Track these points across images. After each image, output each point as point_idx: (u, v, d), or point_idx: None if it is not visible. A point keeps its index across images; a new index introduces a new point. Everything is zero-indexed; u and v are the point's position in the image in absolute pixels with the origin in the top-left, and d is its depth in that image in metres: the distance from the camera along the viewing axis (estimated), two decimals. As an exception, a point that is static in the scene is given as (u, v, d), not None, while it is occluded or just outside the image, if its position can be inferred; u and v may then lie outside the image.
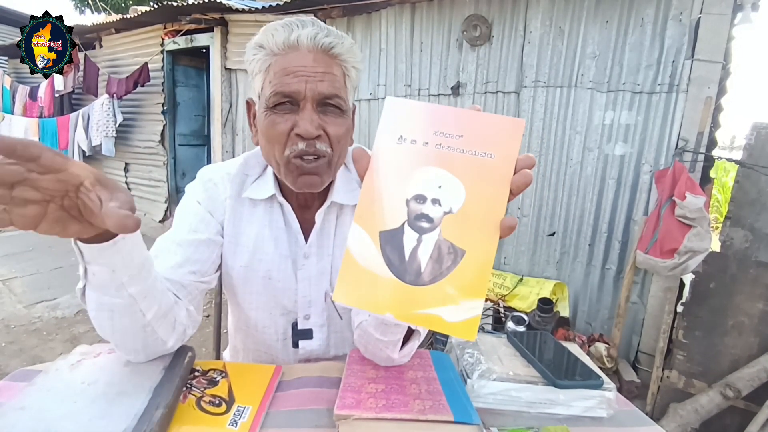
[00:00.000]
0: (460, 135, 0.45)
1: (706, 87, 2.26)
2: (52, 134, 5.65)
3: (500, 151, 0.43)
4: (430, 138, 0.45)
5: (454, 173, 0.44)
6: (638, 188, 2.53)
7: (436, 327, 0.43)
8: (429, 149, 0.45)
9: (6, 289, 3.41)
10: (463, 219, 0.43)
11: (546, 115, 2.73)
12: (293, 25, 0.68)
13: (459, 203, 0.44)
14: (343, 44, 0.70)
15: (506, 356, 0.76)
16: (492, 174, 0.43)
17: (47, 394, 0.58)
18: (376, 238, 0.45)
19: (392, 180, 0.45)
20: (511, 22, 2.77)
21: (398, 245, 0.44)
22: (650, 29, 2.40)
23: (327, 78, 0.68)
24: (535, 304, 2.38)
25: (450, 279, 0.43)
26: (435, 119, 0.46)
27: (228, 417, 0.58)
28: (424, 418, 0.57)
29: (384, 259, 0.44)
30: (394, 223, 0.45)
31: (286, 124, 0.69)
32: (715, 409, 2.01)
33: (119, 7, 9.89)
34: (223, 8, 3.95)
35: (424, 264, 0.43)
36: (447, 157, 0.45)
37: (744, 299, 2.10)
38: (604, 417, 0.66)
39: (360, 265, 0.44)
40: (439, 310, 0.42)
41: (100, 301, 0.58)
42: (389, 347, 0.68)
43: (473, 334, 0.42)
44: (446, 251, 0.43)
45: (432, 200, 0.44)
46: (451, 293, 0.42)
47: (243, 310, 0.86)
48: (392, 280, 0.44)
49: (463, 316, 0.42)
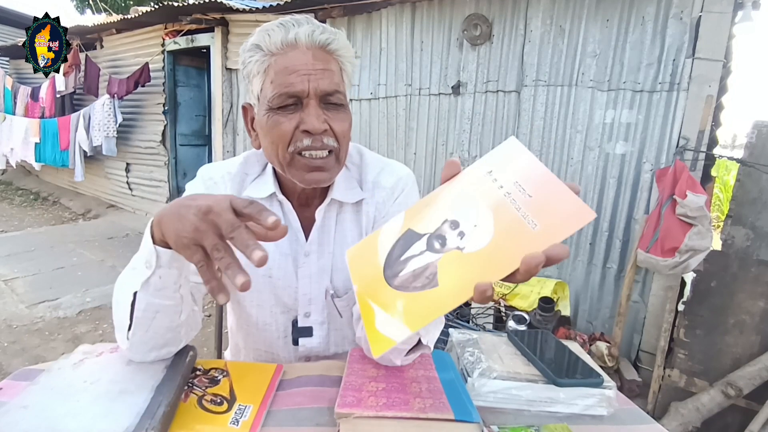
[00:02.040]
0: (531, 195, 0.43)
1: (707, 85, 2.26)
2: (53, 134, 5.66)
3: (547, 225, 0.41)
4: (509, 185, 0.45)
5: (495, 222, 0.43)
6: (639, 187, 2.53)
7: (366, 320, 0.45)
8: (499, 193, 0.45)
9: (8, 289, 3.42)
10: (463, 262, 0.43)
11: (547, 114, 2.73)
12: (289, 24, 0.69)
13: (474, 248, 0.43)
14: (339, 40, 0.71)
15: (507, 355, 0.76)
16: (521, 242, 0.41)
17: (50, 392, 0.58)
18: (404, 231, 0.49)
19: (454, 199, 0.48)
20: (512, 21, 2.77)
21: (407, 246, 0.47)
22: (651, 28, 2.40)
23: (327, 74, 0.69)
24: (536, 303, 2.38)
25: (408, 296, 0.44)
26: (524, 171, 0.46)
27: (229, 416, 0.58)
28: (425, 416, 0.58)
29: (390, 249, 0.48)
30: (423, 230, 0.48)
31: (290, 122, 0.69)
32: (716, 407, 2.01)
33: (120, 7, 9.89)
34: (224, 8, 3.96)
35: (405, 271, 0.46)
36: (505, 207, 0.44)
37: (745, 298, 2.09)
38: (604, 415, 0.66)
39: (377, 241, 0.50)
40: (379, 310, 0.45)
41: (150, 302, 0.60)
42: (393, 353, 0.68)
43: (379, 351, 0.43)
44: (427, 275, 0.44)
45: (459, 233, 0.45)
46: (397, 307, 0.44)
47: (244, 308, 0.86)
48: (378, 266, 0.48)
49: (386, 332, 0.43)
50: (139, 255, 0.60)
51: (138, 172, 5.74)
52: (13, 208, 6.32)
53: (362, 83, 3.43)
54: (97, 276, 3.80)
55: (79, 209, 6.25)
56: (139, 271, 0.59)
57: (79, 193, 6.69)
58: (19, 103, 6.30)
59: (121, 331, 0.64)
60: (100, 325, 2.99)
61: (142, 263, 0.58)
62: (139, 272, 0.59)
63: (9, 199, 6.79)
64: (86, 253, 4.37)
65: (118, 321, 0.64)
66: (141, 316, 0.61)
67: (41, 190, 7.09)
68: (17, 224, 5.46)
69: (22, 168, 7.20)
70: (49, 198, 6.81)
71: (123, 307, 0.62)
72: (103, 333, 2.90)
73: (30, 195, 7.01)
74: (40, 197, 6.88)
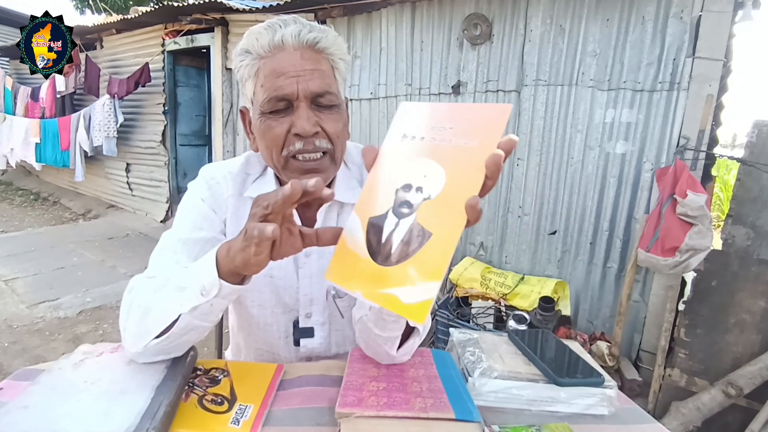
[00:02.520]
0: (451, 127, 0.47)
1: (707, 85, 2.26)
2: (53, 135, 5.67)
3: (483, 138, 0.45)
4: (427, 133, 0.48)
5: (440, 162, 0.46)
6: (639, 186, 2.53)
7: (392, 307, 0.45)
8: (424, 143, 0.48)
9: (8, 290, 3.42)
10: (439, 204, 0.45)
11: (547, 113, 2.73)
12: (276, 26, 0.68)
13: (438, 190, 0.45)
14: (327, 38, 0.70)
15: (507, 354, 0.76)
16: (472, 161, 0.44)
17: (50, 392, 0.58)
18: (365, 223, 0.48)
19: (390, 172, 0.49)
20: (512, 21, 2.77)
21: (379, 229, 0.47)
22: (651, 27, 2.40)
23: (317, 75, 0.68)
24: (536, 303, 2.38)
25: (413, 260, 0.44)
26: (433, 115, 0.50)
27: (230, 415, 0.58)
28: (426, 415, 0.57)
29: (366, 242, 0.47)
30: (382, 210, 0.48)
31: (282, 126, 0.69)
32: (717, 407, 2.01)
33: (119, 7, 9.89)
34: (224, 8, 3.96)
35: (395, 246, 0.46)
36: (437, 148, 0.47)
37: (746, 297, 2.09)
38: (605, 415, 0.66)
39: (348, 248, 0.49)
40: (397, 290, 0.44)
41: (190, 323, 0.60)
42: (387, 343, 0.67)
43: (423, 318, 0.43)
44: (416, 234, 0.45)
45: (416, 188, 0.47)
46: (411, 274, 0.44)
47: (245, 309, 0.86)
48: (367, 261, 0.47)
49: (417, 298, 0.43)
50: (188, 277, 0.59)
51: (138, 172, 5.74)
52: (14, 208, 6.32)
53: (362, 83, 3.43)
54: (97, 276, 3.80)
55: (79, 209, 6.26)
56: (189, 295, 0.57)
57: (79, 193, 6.69)
58: (19, 104, 6.30)
59: (143, 338, 0.62)
60: (100, 325, 2.99)
61: (195, 289, 0.57)
62: (190, 296, 0.57)
63: (9, 199, 6.79)
64: (86, 254, 4.37)
65: (144, 329, 0.62)
66: (176, 332, 0.61)
67: (41, 191, 7.09)
68: (18, 224, 5.46)
69: (23, 168, 7.21)
70: (50, 198, 6.81)
71: (157, 320, 0.61)
72: (104, 333, 2.90)
73: (30, 195, 7.01)
74: (40, 197, 6.88)
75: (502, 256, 2.99)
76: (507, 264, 2.97)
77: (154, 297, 0.62)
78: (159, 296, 0.62)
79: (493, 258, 3.02)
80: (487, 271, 2.80)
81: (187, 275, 0.59)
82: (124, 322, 0.65)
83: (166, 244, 0.76)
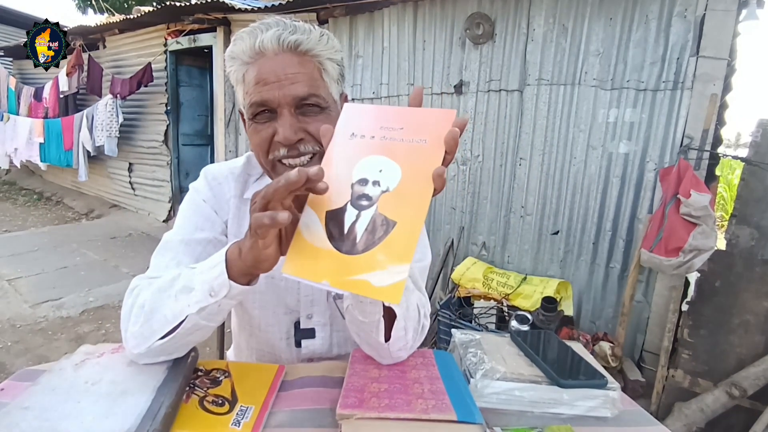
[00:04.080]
0: (401, 128, 0.51)
1: (711, 84, 2.24)
2: (57, 135, 5.69)
3: (432, 136, 0.49)
4: (377, 132, 0.52)
5: (394, 159, 0.49)
6: (642, 186, 2.51)
7: (364, 292, 0.46)
8: (375, 141, 0.51)
9: (12, 289, 3.43)
10: (398, 195, 0.48)
11: (549, 113, 2.72)
12: (257, 30, 0.67)
13: (395, 183, 0.48)
14: (310, 39, 0.68)
15: (510, 355, 0.75)
16: (424, 156, 0.48)
17: (51, 393, 0.58)
18: (323, 216, 0.50)
19: (342, 168, 0.51)
20: (515, 20, 2.76)
21: (340, 221, 0.49)
22: (655, 26, 2.38)
23: (299, 78, 0.67)
24: (538, 303, 2.37)
25: (380, 247, 0.46)
26: (382, 117, 0.53)
27: (231, 417, 0.58)
28: (427, 417, 0.57)
29: (326, 234, 0.49)
30: (339, 203, 0.49)
31: (267, 131, 0.69)
32: (720, 408, 2.00)
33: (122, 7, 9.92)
34: (226, 8, 3.96)
35: (360, 235, 0.47)
36: (389, 146, 0.50)
37: (750, 297, 2.08)
38: (608, 417, 0.66)
39: (306, 241, 0.50)
40: (368, 275, 0.46)
41: (197, 323, 0.60)
42: (373, 330, 0.66)
43: (397, 298, 0.45)
44: (380, 223, 0.47)
45: (373, 182, 0.49)
46: (380, 259, 0.46)
47: (246, 310, 0.86)
48: (331, 251, 0.48)
49: (389, 281, 0.45)
50: (195, 278, 0.59)
51: (141, 172, 5.76)
52: (17, 208, 6.34)
53: (364, 82, 3.43)
54: (100, 276, 3.81)
55: (82, 209, 6.28)
56: (198, 296, 0.58)
57: (82, 193, 6.71)
58: (23, 103, 6.33)
59: (147, 339, 0.62)
60: (103, 325, 3.00)
61: (204, 289, 0.57)
62: (198, 297, 0.58)
63: (12, 199, 6.82)
64: (89, 253, 4.38)
65: (148, 330, 0.62)
66: (181, 333, 0.60)
67: (44, 190, 7.12)
68: (21, 224, 5.48)
69: (26, 168, 7.23)
70: (53, 198, 6.84)
71: (163, 321, 0.61)
72: (106, 333, 2.91)
73: (33, 195, 7.03)
74: (43, 197, 6.90)
75: (505, 256, 2.98)
76: (509, 264, 2.96)
77: (159, 298, 0.62)
78: (165, 297, 0.61)
79: (495, 258, 3.02)
80: (490, 271, 2.79)
81: (194, 276, 0.59)
82: (126, 323, 0.65)
83: (168, 244, 0.76)
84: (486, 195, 3.01)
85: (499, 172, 2.94)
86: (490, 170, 2.96)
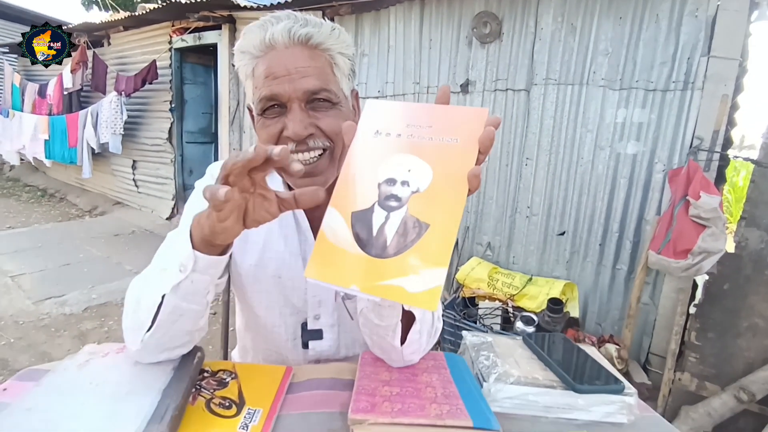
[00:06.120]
0: (430, 126, 0.49)
1: (722, 84, 2.21)
2: (61, 131, 5.70)
3: (464, 136, 0.47)
4: (403, 130, 0.50)
5: (423, 158, 0.47)
6: (651, 187, 2.49)
7: (398, 298, 0.44)
8: (402, 140, 0.49)
9: (15, 285, 3.43)
10: (429, 197, 0.46)
11: (557, 113, 2.70)
12: (268, 24, 0.66)
13: (426, 183, 0.46)
14: (322, 32, 0.67)
15: (523, 359, 0.73)
16: (456, 156, 0.47)
17: (54, 394, 0.57)
18: (348, 218, 0.47)
19: (367, 167, 0.49)
20: (522, 19, 2.73)
21: (367, 223, 0.46)
22: (665, 25, 2.36)
23: (310, 72, 0.66)
24: (544, 304, 2.35)
25: (413, 250, 0.44)
26: (408, 114, 0.51)
27: (239, 420, 0.56)
28: (442, 423, 0.55)
29: (353, 236, 0.46)
30: (366, 204, 0.47)
31: (276, 126, 0.67)
32: (728, 412, 1.98)
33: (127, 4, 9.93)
34: (231, 5, 3.96)
35: (390, 238, 0.45)
36: (417, 145, 0.48)
37: (759, 300, 2.05)
38: (624, 423, 0.64)
39: (331, 243, 0.47)
40: (401, 280, 0.43)
41: (177, 306, 0.58)
42: (389, 334, 0.65)
43: (434, 305, 0.43)
44: (411, 226, 0.45)
45: (402, 182, 0.47)
46: (413, 264, 0.44)
47: (252, 309, 0.84)
48: (359, 254, 0.46)
49: (425, 286, 0.43)
50: (170, 257, 0.58)
51: (144, 169, 5.76)
52: (21, 204, 6.35)
53: (370, 81, 3.41)
54: (103, 272, 3.81)
55: (85, 206, 6.28)
56: (170, 274, 0.56)
57: (85, 189, 6.72)
58: (27, 100, 6.34)
59: (137, 331, 0.61)
60: (105, 322, 2.99)
61: (174, 266, 0.56)
62: (171, 275, 0.56)
63: (16, 195, 6.83)
64: (93, 250, 4.38)
65: (136, 321, 0.61)
66: (165, 318, 0.59)
67: (48, 187, 7.13)
68: (24, 221, 5.49)
69: (30, 165, 7.26)
70: (56, 195, 6.85)
71: (146, 308, 0.59)
72: (109, 330, 2.90)
73: (37, 192, 7.05)
74: (47, 194, 6.92)
75: (510, 256, 2.96)
76: (514, 264, 2.94)
77: (143, 286, 0.62)
78: (147, 284, 0.61)
79: (500, 258, 3.00)
80: (495, 272, 2.77)
81: (169, 255, 0.59)
82: (124, 320, 0.64)
83: (172, 243, 0.74)
84: (491, 195, 2.98)
85: (505, 172, 2.92)
86: (496, 170, 2.94)
